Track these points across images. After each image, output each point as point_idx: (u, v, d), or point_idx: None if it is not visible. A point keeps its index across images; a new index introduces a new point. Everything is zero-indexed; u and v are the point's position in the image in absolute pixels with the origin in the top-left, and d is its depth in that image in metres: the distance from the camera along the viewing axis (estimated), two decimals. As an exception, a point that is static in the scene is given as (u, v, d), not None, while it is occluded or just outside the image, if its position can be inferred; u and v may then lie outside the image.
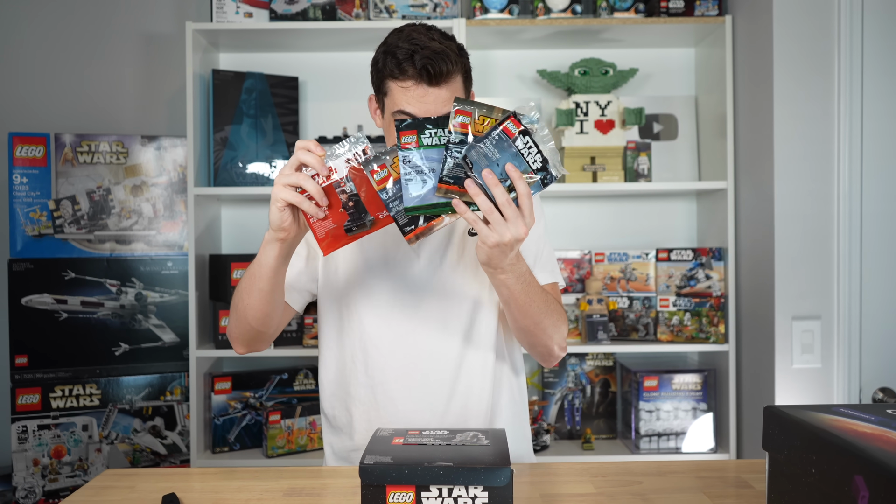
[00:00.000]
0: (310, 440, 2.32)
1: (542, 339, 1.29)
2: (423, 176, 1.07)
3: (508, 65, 2.53)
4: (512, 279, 1.17)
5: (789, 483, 0.87)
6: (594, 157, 2.33)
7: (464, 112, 1.08)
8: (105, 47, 2.54)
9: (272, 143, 2.37)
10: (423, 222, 1.08)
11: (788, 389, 1.96)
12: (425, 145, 1.08)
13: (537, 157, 1.07)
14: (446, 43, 1.22)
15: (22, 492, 2.20)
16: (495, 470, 0.95)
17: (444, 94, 1.21)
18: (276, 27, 2.25)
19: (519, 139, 1.06)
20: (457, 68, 1.22)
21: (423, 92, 1.20)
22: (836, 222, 1.94)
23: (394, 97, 1.23)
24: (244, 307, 1.26)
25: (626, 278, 2.37)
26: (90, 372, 2.28)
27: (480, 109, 1.08)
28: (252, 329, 1.28)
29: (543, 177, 1.08)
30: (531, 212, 1.07)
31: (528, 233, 1.07)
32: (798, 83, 1.95)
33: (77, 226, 2.29)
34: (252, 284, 1.23)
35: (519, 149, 1.07)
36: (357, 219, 1.11)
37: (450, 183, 1.06)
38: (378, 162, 1.09)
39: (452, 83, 1.22)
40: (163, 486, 1.19)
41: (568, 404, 2.43)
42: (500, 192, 1.05)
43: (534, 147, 1.07)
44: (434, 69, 1.18)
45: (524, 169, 1.07)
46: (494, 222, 1.06)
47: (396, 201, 1.08)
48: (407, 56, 1.19)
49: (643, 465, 1.27)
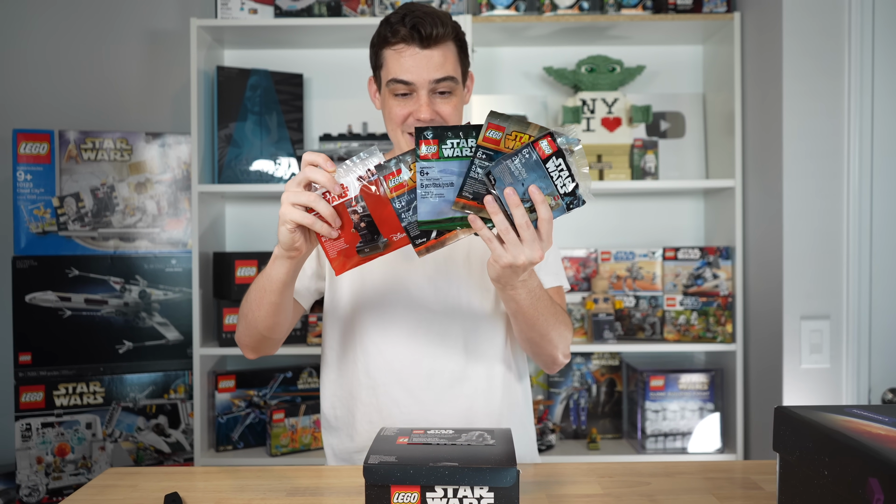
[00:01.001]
0: (314, 439, 2.31)
1: (547, 350, 1.28)
2: (439, 189, 1.02)
3: (514, 62, 2.51)
4: (522, 295, 1.15)
5: (801, 485, 0.86)
6: (601, 155, 2.31)
7: (496, 127, 1.02)
8: (109, 44, 2.53)
9: (277, 141, 2.36)
10: (436, 235, 1.04)
11: (797, 390, 1.95)
12: (446, 157, 1.02)
13: (567, 181, 1.01)
14: (440, 11, 1.25)
15: (25, 490, 2.19)
16: (501, 470, 0.93)
17: (436, 56, 1.22)
18: (280, 23, 2.24)
19: (551, 161, 1.00)
20: (448, 32, 1.24)
21: (415, 52, 1.22)
22: (846, 221, 1.92)
23: (388, 65, 1.25)
24: (254, 318, 1.25)
25: (632, 277, 2.35)
26: (94, 370, 2.27)
27: (514, 125, 1.02)
28: (262, 337, 1.28)
29: (570, 201, 1.02)
30: (549, 237, 1.02)
31: (543, 257, 1.03)
32: (807, 80, 1.93)
33: (81, 223, 2.28)
34: (262, 297, 1.21)
35: (549, 170, 1.01)
36: (369, 240, 1.07)
37: (469, 199, 1.01)
38: (396, 166, 1.04)
39: (445, 47, 1.24)
40: (165, 485, 1.18)
41: (573, 404, 2.42)
42: (520, 212, 1.00)
43: (566, 170, 1.01)
44: (425, 30, 1.20)
45: (551, 192, 1.01)
46: (510, 242, 1.01)
47: (410, 211, 1.03)
48: (398, 19, 1.22)
49: (650, 466, 1.25)
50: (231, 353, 2.25)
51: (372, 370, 1.32)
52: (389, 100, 1.26)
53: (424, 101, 1.23)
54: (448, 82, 1.23)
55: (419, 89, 1.23)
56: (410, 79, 1.22)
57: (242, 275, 2.23)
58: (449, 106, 1.25)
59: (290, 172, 2.35)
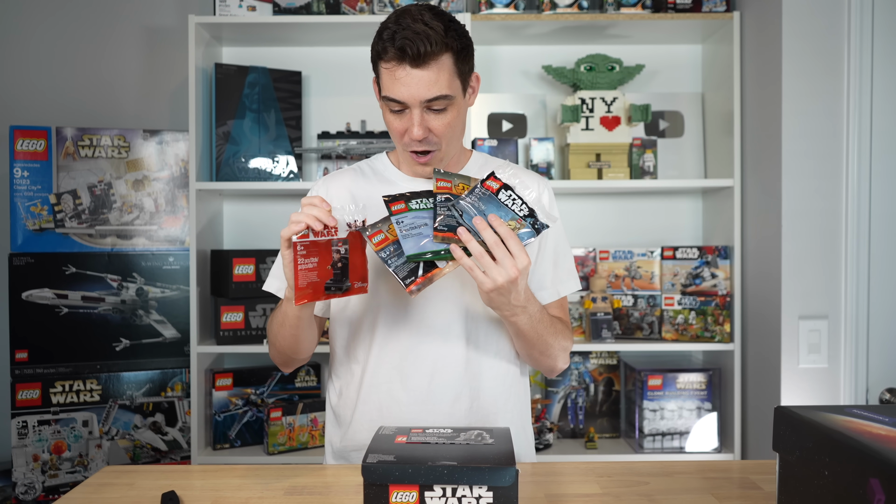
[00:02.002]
0: (311, 437, 2.31)
1: (547, 363, 1.35)
2: (417, 230, 1.14)
3: (513, 60, 2.51)
4: (523, 320, 1.22)
5: (801, 485, 0.86)
6: (599, 154, 2.31)
7: (444, 180, 1.19)
8: (107, 40, 2.52)
9: (275, 138, 2.35)
10: (423, 273, 1.13)
11: (795, 389, 1.95)
12: (413, 209, 1.17)
13: (523, 207, 1.16)
14: (433, 24, 1.19)
15: (22, 487, 2.18)
16: (500, 469, 0.93)
17: (427, 76, 1.19)
18: (279, 21, 2.24)
19: (501, 193, 1.16)
20: (441, 49, 1.19)
21: (406, 73, 1.19)
22: (844, 221, 1.92)
23: (382, 80, 1.24)
24: (280, 346, 1.33)
25: (630, 276, 2.35)
26: (91, 367, 2.26)
27: (458, 179, 1.20)
28: (293, 359, 1.37)
29: (533, 222, 1.15)
30: (520, 251, 1.11)
31: (519, 272, 1.11)
32: (807, 80, 1.93)
33: (78, 220, 2.28)
34: (282, 332, 1.30)
35: (502, 201, 1.16)
36: (338, 280, 1.16)
37: (445, 231, 1.13)
38: (374, 229, 1.16)
39: (437, 64, 1.20)
40: (162, 483, 1.17)
41: (571, 403, 2.42)
42: (489, 234, 1.11)
43: (518, 199, 1.16)
44: (412, 50, 1.17)
45: (511, 217, 1.15)
46: (486, 267, 1.11)
47: (395, 258, 1.14)
48: (390, 36, 1.19)
49: (649, 465, 1.25)
50: (228, 350, 2.24)
51: (375, 369, 1.32)
52: (386, 112, 1.26)
53: (417, 119, 1.22)
54: (440, 101, 1.21)
55: (412, 108, 1.22)
56: (401, 98, 1.21)
57: (240, 273, 2.23)
58: (442, 121, 1.24)
59: (288, 170, 2.35)
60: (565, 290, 1.39)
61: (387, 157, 1.42)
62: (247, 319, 2.25)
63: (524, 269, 1.12)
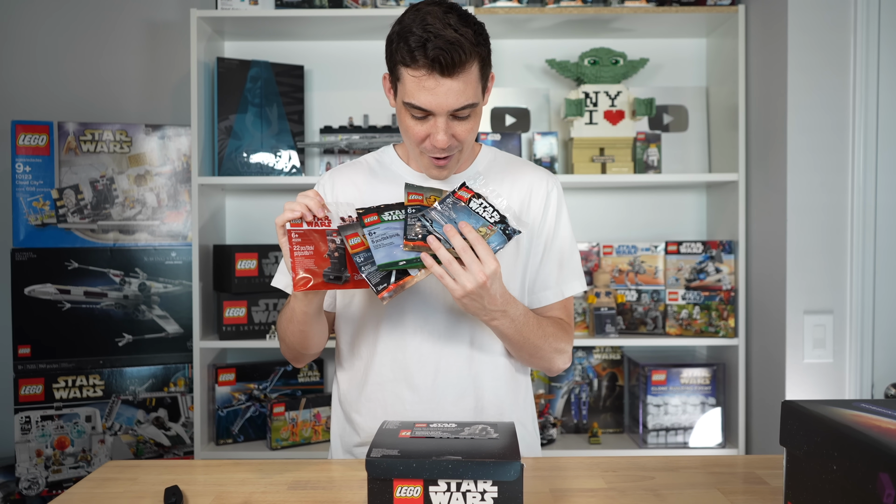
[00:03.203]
0: (314, 432, 2.30)
1: (539, 364, 1.34)
2: (388, 240, 1.16)
3: (517, 54, 2.49)
4: (505, 324, 1.21)
5: (808, 480, 0.85)
6: (603, 149, 2.30)
7: (415, 193, 1.21)
8: (109, 35, 2.51)
9: (277, 133, 2.34)
10: (395, 280, 1.15)
11: (799, 384, 1.94)
12: (385, 220, 1.19)
13: (494, 214, 1.17)
14: (463, 30, 1.14)
15: (25, 483, 2.18)
16: (505, 464, 0.92)
17: (456, 86, 1.16)
18: (281, 14, 2.23)
19: (472, 201, 1.18)
20: (472, 57, 1.16)
21: (436, 83, 1.15)
22: (850, 215, 1.91)
23: (405, 86, 1.18)
24: (290, 342, 1.32)
25: (634, 271, 2.34)
26: (93, 363, 2.26)
27: (429, 192, 1.22)
28: (303, 354, 1.36)
29: (504, 228, 1.16)
30: (488, 256, 1.12)
31: (488, 277, 1.12)
32: (812, 74, 1.91)
33: (80, 215, 2.27)
34: (291, 326, 1.28)
35: (473, 209, 1.17)
36: (336, 270, 1.17)
37: (415, 240, 1.15)
38: (351, 230, 1.19)
39: (467, 73, 1.16)
40: (165, 478, 1.17)
41: (575, 398, 2.41)
42: (457, 241, 1.11)
43: (489, 206, 1.17)
44: (446, 60, 1.13)
45: (481, 224, 1.16)
46: (455, 273, 1.11)
47: (368, 265, 1.15)
48: (419, 44, 1.13)
49: (653, 460, 1.24)
50: (231, 346, 2.24)
51: (379, 367, 1.31)
52: (406, 117, 1.21)
53: (442, 126, 1.19)
54: (467, 109, 1.19)
55: (437, 116, 1.19)
56: (429, 108, 1.17)
57: (242, 267, 2.22)
58: (466, 127, 1.22)
59: (290, 165, 2.34)
60: (570, 291, 1.37)
61: (394, 150, 1.40)
62: (249, 314, 2.25)
63: (493, 274, 1.12)
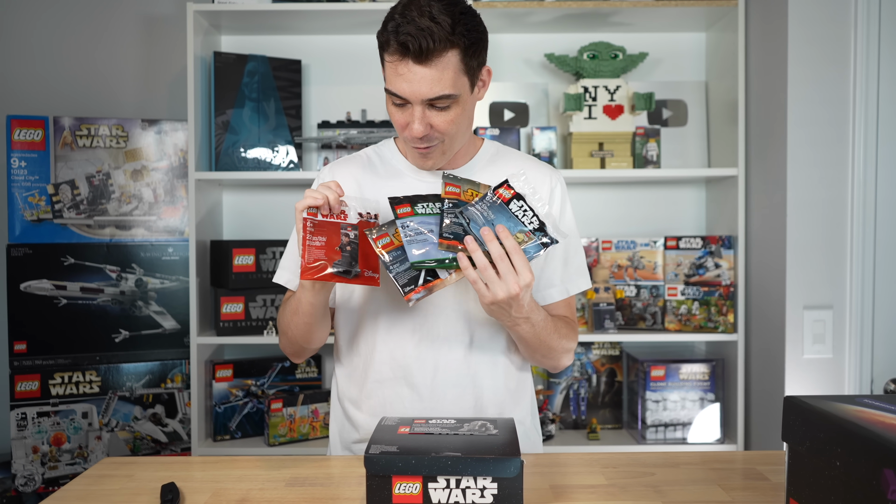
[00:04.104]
0: (312, 429, 2.30)
1: (549, 363, 1.35)
2: (422, 236, 1.13)
3: (516, 49, 2.48)
4: (525, 329, 1.21)
5: (811, 476, 0.84)
6: (602, 143, 2.29)
7: (453, 185, 1.17)
8: (105, 29, 2.49)
9: (274, 128, 2.33)
10: (423, 282, 1.12)
11: (799, 380, 1.93)
12: (419, 213, 1.15)
13: (533, 219, 1.13)
14: (441, 18, 1.12)
15: (21, 479, 2.17)
16: (505, 460, 0.92)
17: (430, 74, 1.14)
18: (279, 8, 2.21)
19: (513, 203, 1.14)
20: (445, 46, 1.13)
21: (408, 69, 1.14)
22: (850, 210, 1.90)
23: (386, 72, 1.20)
24: (293, 336, 1.30)
25: (633, 266, 2.33)
26: (90, 359, 2.25)
27: (468, 185, 1.18)
28: (304, 348, 1.34)
29: (542, 236, 1.12)
30: (524, 268, 1.10)
31: (521, 289, 1.10)
32: (812, 68, 1.91)
33: (76, 211, 2.26)
34: (295, 320, 1.27)
35: (513, 211, 1.13)
36: (346, 263, 1.15)
37: (450, 238, 1.12)
38: (380, 231, 1.15)
39: (443, 62, 1.14)
40: (162, 474, 1.16)
41: (573, 394, 2.40)
42: (495, 246, 1.09)
43: (529, 210, 1.13)
44: (414, 46, 1.12)
45: (519, 229, 1.13)
46: (489, 280, 1.09)
47: (398, 264, 1.13)
48: (394, 29, 1.14)
49: (654, 456, 1.24)
50: (228, 341, 2.23)
51: (378, 365, 1.30)
52: (389, 104, 1.23)
53: (418, 115, 1.18)
54: (443, 100, 1.17)
55: (413, 104, 1.18)
56: (402, 94, 1.17)
57: (240, 263, 2.21)
58: (444, 119, 1.19)
59: (288, 160, 2.33)
60: (574, 289, 1.37)
61: (394, 143, 1.38)
62: (247, 310, 2.24)
63: (526, 286, 1.11)
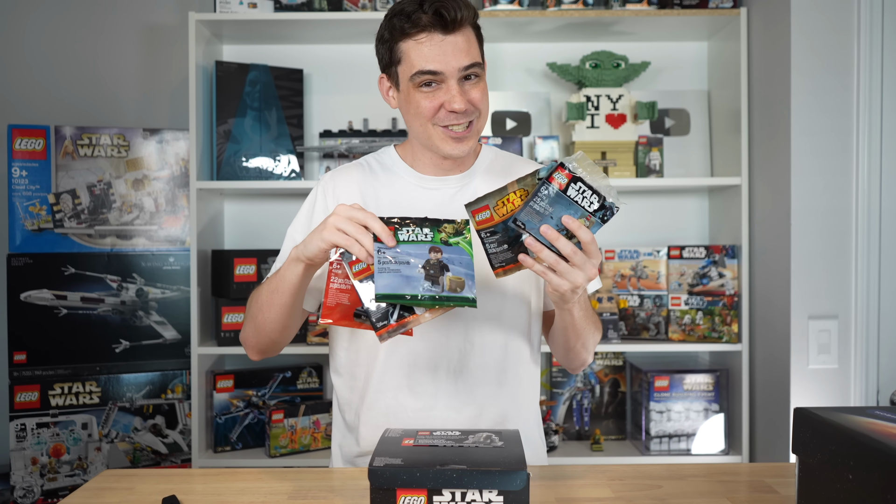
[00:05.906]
0: (313, 440, 2.28)
1: (582, 356, 1.33)
2: (396, 266, 1.02)
3: (518, 58, 2.48)
4: (577, 310, 1.20)
5: (822, 489, 0.83)
6: (605, 152, 2.29)
7: (479, 209, 1.07)
8: (106, 38, 2.49)
9: (276, 137, 2.32)
10: (395, 319, 1.03)
11: (804, 391, 1.92)
12: (401, 241, 1.04)
13: (593, 199, 1.05)
14: None
15: (20, 491, 2.16)
16: (511, 473, 0.90)
17: (461, 42, 1.18)
18: (280, 18, 2.21)
19: (570, 188, 1.05)
20: (469, 15, 1.19)
21: (439, 40, 1.16)
22: (854, 219, 1.89)
23: (409, 58, 1.19)
24: (263, 320, 1.25)
25: (636, 276, 2.32)
26: (90, 369, 2.23)
27: (494, 198, 1.07)
28: (270, 340, 1.28)
29: (602, 215, 1.06)
30: (597, 253, 1.08)
31: (597, 272, 1.09)
32: (816, 77, 1.90)
33: (77, 220, 2.25)
34: (273, 299, 1.21)
35: (572, 197, 1.05)
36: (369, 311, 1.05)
37: (504, 266, 1.08)
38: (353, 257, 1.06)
39: (467, 32, 1.20)
40: (163, 487, 1.14)
41: (577, 404, 2.39)
42: (563, 243, 1.04)
43: (587, 190, 1.05)
44: (450, 14, 1.15)
45: (581, 215, 1.05)
46: (563, 271, 1.06)
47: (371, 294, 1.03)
48: (416, 6, 1.16)
49: (659, 468, 1.22)
50: (230, 352, 2.21)
51: (381, 375, 1.29)
52: (415, 94, 1.20)
53: (455, 90, 1.18)
54: (475, 68, 1.20)
55: (448, 78, 1.18)
56: (439, 68, 1.17)
57: (241, 273, 2.20)
58: (479, 91, 1.21)
59: (289, 169, 2.32)
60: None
61: (394, 150, 1.37)
62: (248, 320, 2.22)
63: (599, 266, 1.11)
